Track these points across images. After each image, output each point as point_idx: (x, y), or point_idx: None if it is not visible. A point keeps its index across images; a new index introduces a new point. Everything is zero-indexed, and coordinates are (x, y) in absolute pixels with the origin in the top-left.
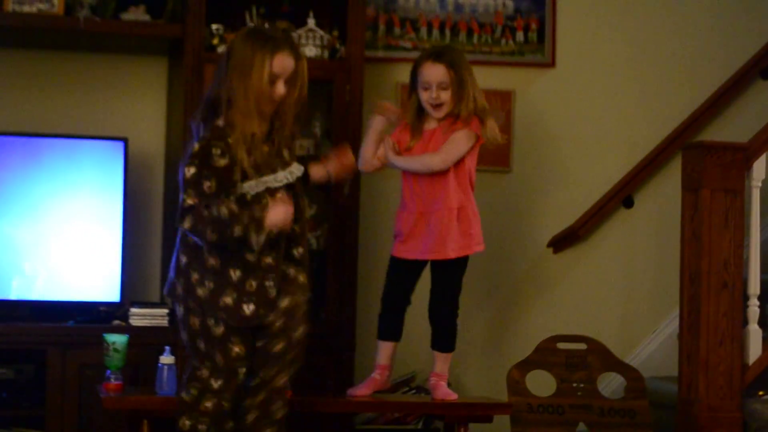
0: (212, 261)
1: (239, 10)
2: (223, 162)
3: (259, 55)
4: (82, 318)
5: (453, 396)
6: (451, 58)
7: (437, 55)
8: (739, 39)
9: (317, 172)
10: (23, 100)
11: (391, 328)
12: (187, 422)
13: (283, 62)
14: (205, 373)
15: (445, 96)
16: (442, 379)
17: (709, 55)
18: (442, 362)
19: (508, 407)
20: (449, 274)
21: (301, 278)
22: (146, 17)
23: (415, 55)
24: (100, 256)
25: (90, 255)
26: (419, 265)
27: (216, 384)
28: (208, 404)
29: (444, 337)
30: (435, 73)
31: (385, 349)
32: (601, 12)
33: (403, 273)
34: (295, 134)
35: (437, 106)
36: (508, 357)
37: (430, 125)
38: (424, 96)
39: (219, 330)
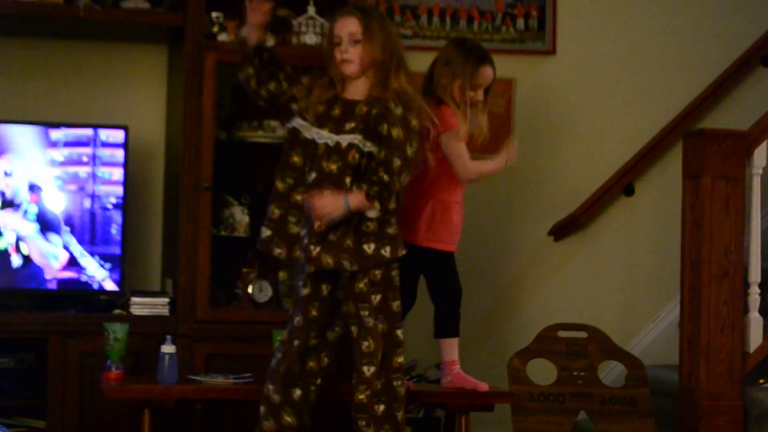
0: None
1: None
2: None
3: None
4: (83, 307)
5: (484, 386)
6: None
7: (490, 58)
8: (740, 26)
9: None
10: (23, 88)
11: None
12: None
13: (342, 25)
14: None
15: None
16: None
17: (710, 43)
18: (453, 348)
19: (509, 396)
20: (452, 261)
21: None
22: (146, 5)
23: (415, 42)
24: (101, 244)
25: (91, 243)
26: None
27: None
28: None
29: (455, 322)
30: (491, 76)
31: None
32: None
33: None
34: (381, 112)
35: (474, 105)
36: (508, 345)
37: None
38: (470, 94)
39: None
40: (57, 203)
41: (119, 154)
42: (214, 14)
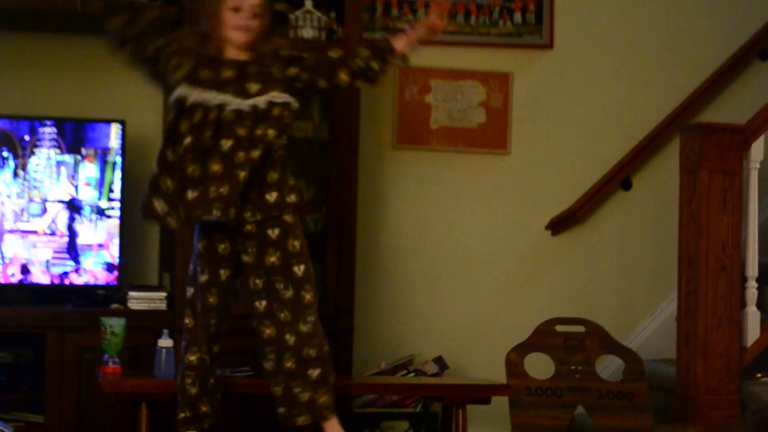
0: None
1: None
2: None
3: None
4: (81, 301)
5: None
6: None
7: None
8: (738, 20)
9: (399, 43)
10: (20, 82)
11: None
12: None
13: None
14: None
15: None
16: None
17: (708, 36)
18: None
19: (506, 388)
20: None
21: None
22: None
23: None
24: (98, 239)
25: (88, 238)
26: None
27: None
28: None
29: None
30: None
31: None
32: None
33: None
34: (274, 75)
35: None
36: (506, 339)
37: None
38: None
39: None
40: (54, 198)
41: (116, 148)
42: None
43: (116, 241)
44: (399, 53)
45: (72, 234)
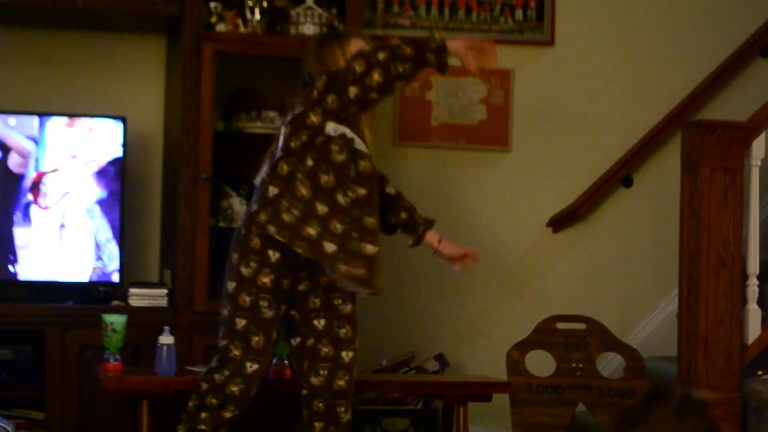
0: (303, 191)
1: None
2: None
3: None
4: (82, 298)
5: None
6: None
7: None
8: (739, 17)
9: (430, 239)
10: (21, 78)
11: None
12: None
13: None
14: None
15: None
16: None
17: (709, 34)
18: None
19: (507, 386)
20: None
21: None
22: None
23: (414, 33)
24: (99, 236)
25: (89, 234)
26: None
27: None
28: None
29: None
30: None
31: None
32: None
33: None
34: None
35: None
36: (507, 337)
37: None
38: None
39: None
40: (56, 194)
41: (117, 145)
42: (212, 4)
43: (118, 237)
44: (418, 243)
45: (73, 230)
